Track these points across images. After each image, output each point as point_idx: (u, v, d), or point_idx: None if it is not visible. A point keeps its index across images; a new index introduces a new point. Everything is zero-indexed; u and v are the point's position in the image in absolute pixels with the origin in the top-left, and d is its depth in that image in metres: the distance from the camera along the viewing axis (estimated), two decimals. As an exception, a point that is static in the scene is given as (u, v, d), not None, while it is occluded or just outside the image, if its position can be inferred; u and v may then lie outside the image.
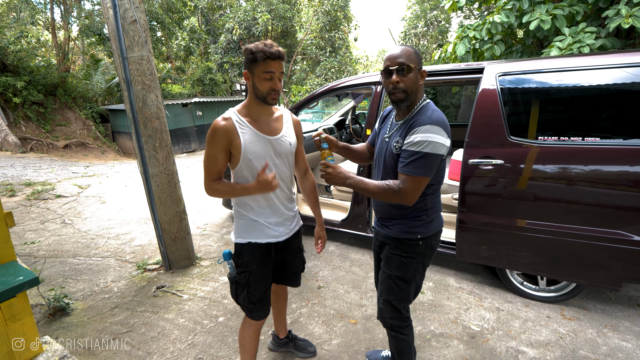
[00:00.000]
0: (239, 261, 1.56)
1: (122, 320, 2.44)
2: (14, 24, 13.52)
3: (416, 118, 1.36)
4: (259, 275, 1.56)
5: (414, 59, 1.35)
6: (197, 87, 16.54)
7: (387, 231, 1.56)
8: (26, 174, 7.32)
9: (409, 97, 1.37)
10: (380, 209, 1.58)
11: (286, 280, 1.79)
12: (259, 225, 1.53)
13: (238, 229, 1.56)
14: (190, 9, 16.45)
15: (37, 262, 3.35)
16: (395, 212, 1.52)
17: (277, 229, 1.57)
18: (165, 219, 2.97)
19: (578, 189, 2.12)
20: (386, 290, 1.58)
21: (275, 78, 1.36)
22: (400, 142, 1.38)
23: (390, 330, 1.64)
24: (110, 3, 2.48)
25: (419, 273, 1.57)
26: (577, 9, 3.65)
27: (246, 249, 1.54)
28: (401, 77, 1.34)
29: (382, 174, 1.51)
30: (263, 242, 1.54)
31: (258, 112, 1.46)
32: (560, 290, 2.49)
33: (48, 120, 11.33)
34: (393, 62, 1.35)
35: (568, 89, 2.21)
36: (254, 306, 1.58)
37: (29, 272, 1.41)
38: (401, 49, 1.37)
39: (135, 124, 2.73)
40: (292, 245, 1.69)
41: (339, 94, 4.06)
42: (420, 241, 1.50)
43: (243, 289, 1.55)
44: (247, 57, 1.36)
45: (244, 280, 1.54)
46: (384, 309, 1.62)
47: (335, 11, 15.67)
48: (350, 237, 3.71)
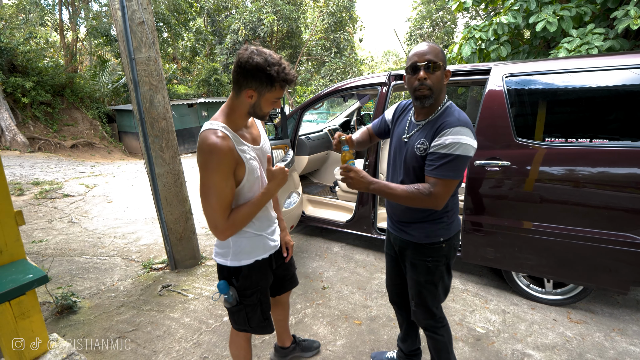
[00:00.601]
0: (247, 283, 1.43)
1: (128, 318, 2.46)
2: (23, 25, 13.71)
3: (443, 119, 1.32)
4: (266, 289, 1.52)
5: (441, 57, 1.32)
6: (202, 88, 16.64)
7: (407, 236, 1.52)
8: (34, 173, 7.41)
9: (434, 95, 1.33)
10: (398, 212, 1.53)
11: (289, 284, 1.74)
12: (262, 239, 1.45)
13: (238, 250, 1.40)
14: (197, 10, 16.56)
15: (45, 260, 3.39)
16: (416, 215, 1.47)
17: (274, 238, 1.53)
18: (171, 219, 2.99)
19: (585, 191, 2.10)
20: (416, 294, 1.57)
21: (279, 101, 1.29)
22: (426, 143, 1.33)
23: (426, 330, 1.64)
24: (119, 5, 2.51)
25: (446, 274, 1.55)
26: (585, 9, 3.62)
27: (253, 268, 1.44)
28: (428, 74, 1.30)
29: (403, 177, 1.46)
30: (267, 257, 1.49)
31: (239, 122, 1.31)
32: (567, 293, 2.47)
33: (56, 120, 11.47)
34: (421, 59, 1.30)
35: (576, 90, 2.19)
36: (268, 321, 1.53)
37: (39, 270, 1.43)
38: (429, 45, 1.33)
39: (143, 124, 2.76)
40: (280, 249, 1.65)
41: (344, 94, 4.06)
42: (443, 244, 1.47)
43: (256, 310, 1.47)
44: (259, 76, 1.16)
45: (256, 300, 1.46)
46: (416, 311, 1.61)
47: (341, 12, 15.70)
48: (355, 238, 3.71)
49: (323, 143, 4.41)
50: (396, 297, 1.81)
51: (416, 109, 1.44)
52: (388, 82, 3.02)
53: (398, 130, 1.52)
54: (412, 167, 1.39)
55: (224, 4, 17.04)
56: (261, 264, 1.47)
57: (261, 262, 1.46)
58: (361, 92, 4.43)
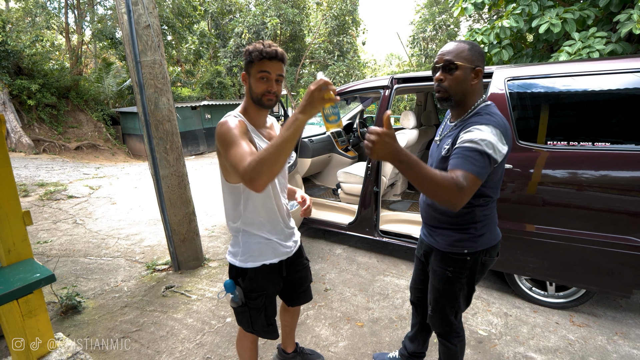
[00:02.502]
0: (252, 286, 1.43)
1: (131, 319, 2.48)
2: (30, 29, 13.87)
3: (474, 119, 1.24)
4: (273, 295, 1.50)
5: (465, 56, 1.23)
6: (206, 91, 16.74)
7: (432, 241, 1.47)
8: (39, 174, 7.48)
9: (452, 97, 1.27)
10: (426, 213, 1.49)
11: (302, 298, 1.70)
12: (272, 244, 1.43)
13: (247, 251, 1.41)
14: (201, 13, 16.69)
15: (50, 260, 3.42)
16: (440, 219, 1.41)
17: (287, 244, 1.49)
18: (174, 220, 3.01)
19: (588, 194, 2.11)
20: (434, 300, 1.52)
21: (272, 79, 1.27)
22: (451, 143, 1.27)
23: (439, 336, 1.61)
24: (125, 9, 2.55)
25: (467, 286, 1.46)
26: (588, 12, 3.63)
27: (260, 272, 1.43)
28: (445, 74, 1.25)
29: None
30: (276, 262, 1.46)
31: (256, 117, 1.36)
32: (570, 296, 2.46)
33: (60, 122, 11.57)
34: (440, 59, 1.26)
35: (578, 94, 2.20)
36: (272, 327, 1.51)
37: (46, 269, 1.45)
38: (454, 44, 1.26)
39: (147, 126, 2.79)
40: (300, 257, 1.63)
41: (347, 97, 4.08)
42: (467, 256, 1.38)
43: (260, 314, 1.46)
44: (245, 57, 1.29)
45: (261, 304, 1.44)
46: (433, 316, 1.56)
47: (344, 15, 15.76)
48: (357, 240, 3.72)
49: (326, 146, 4.43)
50: (416, 300, 1.78)
51: (450, 110, 1.40)
52: (391, 85, 3.04)
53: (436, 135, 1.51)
54: (440, 168, 1.31)
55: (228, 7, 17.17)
56: (269, 268, 1.44)
57: (269, 267, 1.44)
58: (364, 95, 4.45)
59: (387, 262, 3.28)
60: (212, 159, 11.48)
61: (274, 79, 1.27)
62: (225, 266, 3.25)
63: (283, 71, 1.30)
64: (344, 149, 4.61)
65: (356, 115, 5.28)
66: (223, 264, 3.29)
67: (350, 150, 4.72)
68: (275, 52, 1.25)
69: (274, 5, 14.65)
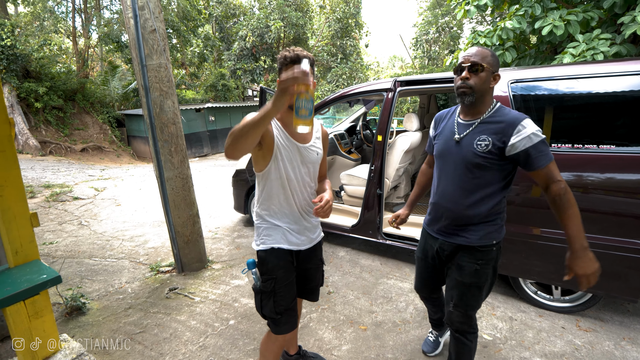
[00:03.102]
0: (263, 269, 1.51)
1: (135, 320, 2.49)
2: (38, 33, 14.06)
3: (504, 118, 1.38)
4: (284, 283, 1.50)
5: (488, 60, 1.39)
6: (210, 93, 16.84)
7: (459, 239, 1.52)
8: (45, 176, 7.55)
9: (475, 94, 1.40)
10: (452, 214, 1.52)
11: (306, 294, 1.71)
12: (280, 230, 1.50)
13: (260, 235, 1.53)
14: (205, 17, 16.82)
15: (56, 261, 3.45)
16: (474, 217, 1.47)
17: (299, 236, 1.53)
18: (178, 222, 3.03)
19: (594, 197, 2.09)
20: (457, 296, 1.56)
21: None
22: (489, 140, 1.38)
23: (456, 332, 1.64)
24: (132, 13, 2.58)
25: (492, 277, 1.56)
26: (592, 14, 3.62)
27: (269, 255, 1.50)
28: (471, 74, 1.39)
29: (461, 176, 1.46)
30: (285, 248, 1.50)
31: (288, 120, 1.45)
32: (576, 300, 2.44)
33: (67, 124, 11.69)
34: (466, 60, 1.40)
35: (582, 96, 2.19)
36: (281, 317, 1.50)
37: (52, 271, 1.46)
38: (478, 49, 1.41)
39: (153, 129, 2.81)
40: (314, 256, 1.64)
41: (350, 100, 4.09)
42: (494, 247, 1.49)
43: (269, 298, 1.49)
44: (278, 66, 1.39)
45: (270, 288, 1.48)
46: (453, 312, 1.59)
47: (347, 18, 15.82)
48: (361, 243, 3.71)
49: (329, 148, 4.43)
50: (427, 294, 1.89)
51: (463, 108, 1.51)
52: (394, 88, 3.04)
53: (444, 134, 1.55)
54: (472, 163, 1.42)
55: (232, 11, 17.28)
56: (278, 252, 1.49)
57: (277, 251, 1.49)
58: (367, 97, 4.45)
59: (390, 264, 3.28)
60: (215, 160, 11.53)
61: None
62: (229, 268, 3.26)
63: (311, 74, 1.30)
64: (347, 151, 4.61)
65: (359, 118, 5.28)
66: (226, 266, 3.30)
67: (354, 153, 4.72)
68: (298, 56, 1.32)
69: (278, 8, 14.74)
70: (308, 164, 1.49)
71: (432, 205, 1.63)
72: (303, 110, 1.09)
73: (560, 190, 1.33)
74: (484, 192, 1.44)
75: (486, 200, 1.44)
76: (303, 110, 1.09)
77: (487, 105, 1.45)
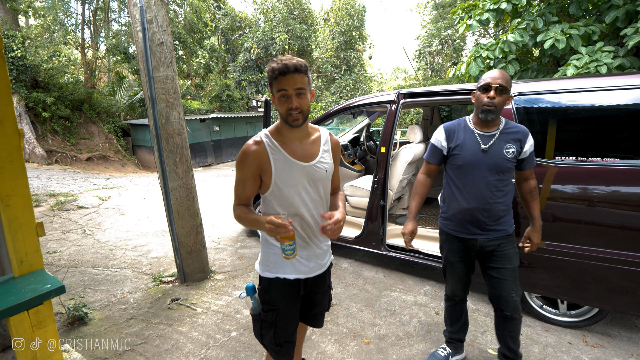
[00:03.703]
0: (265, 297, 1.41)
1: (137, 331, 2.47)
2: (48, 44, 14.36)
3: (517, 128, 1.74)
4: (286, 314, 1.41)
5: (509, 83, 1.65)
6: (215, 104, 17.04)
7: (499, 232, 1.76)
8: (50, 185, 7.61)
9: (497, 111, 1.66)
10: (488, 213, 1.74)
11: (309, 320, 1.62)
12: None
13: (265, 261, 1.42)
14: (211, 29, 17.14)
15: (59, 271, 3.46)
16: (503, 210, 1.75)
17: (308, 263, 1.41)
18: (182, 232, 3.03)
19: (600, 210, 2.08)
20: (514, 282, 1.76)
21: (291, 95, 1.22)
22: (514, 147, 1.69)
23: (514, 314, 1.76)
24: (140, 27, 2.64)
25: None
26: (593, 28, 3.65)
27: (274, 284, 1.39)
28: (497, 94, 1.63)
29: (491, 178, 1.70)
30: (292, 278, 1.39)
31: (290, 135, 1.33)
32: (582, 315, 2.40)
33: (73, 133, 11.84)
34: (494, 81, 1.63)
35: (586, 109, 2.20)
36: (281, 349, 1.43)
37: (56, 281, 1.46)
38: (501, 72, 1.65)
39: (158, 139, 2.84)
40: (323, 282, 1.53)
41: (354, 112, 4.12)
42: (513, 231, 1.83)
43: (270, 329, 1.41)
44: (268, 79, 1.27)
45: (271, 319, 1.40)
46: (517, 300, 1.77)
47: (351, 31, 16.05)
48: (364, 255, 3.69)
49: None
50: (463, 295, 2.01)
51: (480, 121, 1.74)
52: (397, 100, 3.07)
53: (468, 146, 1.74)
54: (504, 168, 1.70)
55: (238, 23, 17.60)
56: (283, 283, 1.39)
57: (283, 282, 1.39)
58: (371, 109, 4.49)
59: (393, 277, 3.25)
60: (219, 170, 11.58)
61: (294, 94, 1.23)
62: (231, 279, 3.25)
63: (303, 83, 1.23)
64: (351, 162, 4.63)
65: (363, 129, 5.31)
66: (229, 277, 3.29)
67: (357, 164, 4.74)
68: (286, 66, 1.20)
69: (283, 21, 14.99)
70: (317, 182, 1.37)
71: (464, 211, 1.77)
72: (288, 251, 1.26)
73: (536, 184, 1.84)
74: (506, 188, 1.74)
75: (508, 194, 1.75)
76: (288, 251, 1.26)
77: (499, 119, 1.74)
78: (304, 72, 1.23)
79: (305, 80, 1.25)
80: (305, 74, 1.24)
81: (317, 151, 1.38)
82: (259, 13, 16.80)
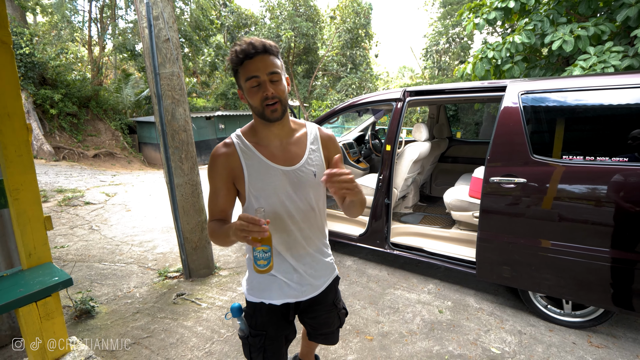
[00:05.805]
0: (251, 322, 1.25)
1: (143, 325, 2.50)
2: (56, 41, 14.50)
3: None
4: (276, 339, 1.27)
5: None
6: (220, 101, 17.10)
7: None
8: (58, 181, 7.71)
9: None
10: None
11: (321, 339, 1.47)
12: (276, 281, 1.20)
13: (251, 283, 1.24)
14: (217, 26, 17.19)
15: (66, 265, 3.50)
16: None
17: (300, 287, 1.22)
18: (187, 228, 3.06)
19: (606, 210, 2.06)
20: None
21: (265, 82, 1.00)
22: None
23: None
24: (146, 23, 2.66)
25: None
26: (603, 28, 3.60)
27: (259, 309, 1.23)
28: None
29: None
30: (278, 304, 1.22)
31: (267, 133, 1.11)
32: (587, 315, 2.38)
33: (80, 130, 11.95)
34: None
35: (594, 108, 2.18)
36: None
37: (64, 274, 1.49)
38: None
39: (164, 136, 2.87)
40: (324, 301, 1.33)
41: (359, 109, 4.12)
42: None
43: (259, 353, 1.25)
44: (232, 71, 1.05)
45: (259, 344, 1.23)
46: None
47: (357, 29, 15.99)
48: (368, 253, 3.69)
49: None
50: None
51: None
52: (403, 98, 3.06)
53: None
54: None
55: (244, 21, 17.63)
56: (269, 309, 1.22)
57: (268, 307, 1.22)
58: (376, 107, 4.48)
59: (397, 275, 3.25)
60: (224, 168, 11.63)
61: (267, 79, 1.00)
62: (236, 275, 3.27)
63: (276, 66, 1.02)
64: (356, 160, 4.63)
65: (368, 127, 5.30)
66: (233, 273, 3.31)
67: (362, 162, 4.73)
68: (252, 45, 0.98)
69: (289, 19, 14.99)
70: (304, 189, 1.13)
71: None
72: (261, 261, 0.99)
73: None
74: None
75: None
76: (261, 261, 0.99)
77: None
78: (275, 55, 1.03)
79: (279, 63, 1.04)
80: (277, 56, 1.04)
81: (302, 152, 1.14)
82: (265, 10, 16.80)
